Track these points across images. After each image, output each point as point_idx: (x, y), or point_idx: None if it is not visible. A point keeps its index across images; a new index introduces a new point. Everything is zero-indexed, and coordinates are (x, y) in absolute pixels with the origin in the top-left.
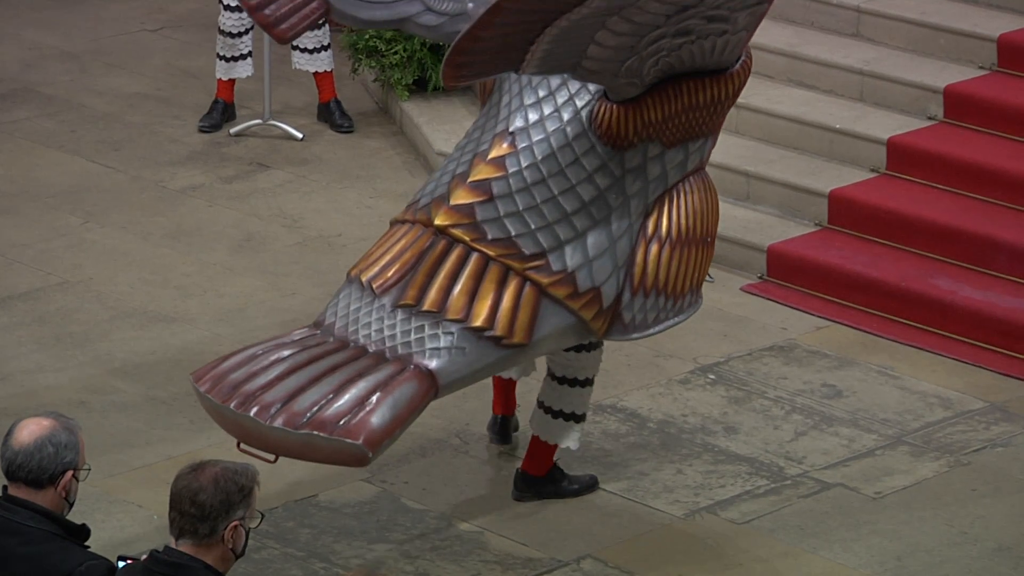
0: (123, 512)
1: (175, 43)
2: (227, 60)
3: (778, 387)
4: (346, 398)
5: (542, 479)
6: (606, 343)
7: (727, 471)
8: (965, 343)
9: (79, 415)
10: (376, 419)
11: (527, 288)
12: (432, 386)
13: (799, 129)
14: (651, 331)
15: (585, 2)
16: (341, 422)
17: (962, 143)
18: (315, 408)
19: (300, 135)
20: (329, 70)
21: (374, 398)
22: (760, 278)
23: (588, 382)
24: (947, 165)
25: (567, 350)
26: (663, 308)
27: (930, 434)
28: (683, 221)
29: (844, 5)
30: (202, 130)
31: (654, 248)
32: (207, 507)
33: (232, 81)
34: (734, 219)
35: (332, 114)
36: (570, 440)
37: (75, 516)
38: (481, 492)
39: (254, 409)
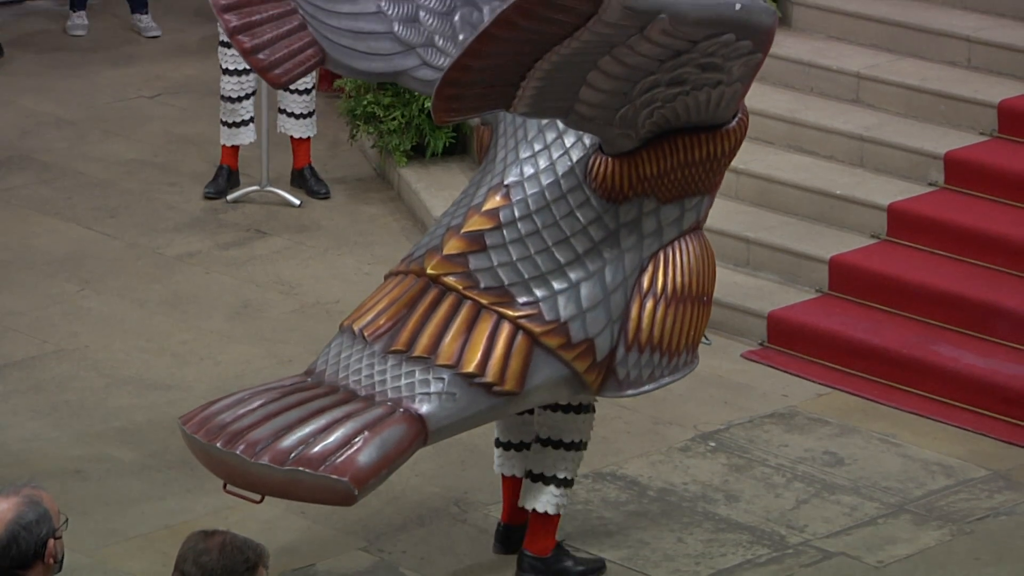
0: None
1: (172, 110)
2: (229, 126)
3: (779, 455)
4: (333, 437)
5: (545, 559)
6: (598, 411)
7: (728, 539)
8: (967, 410)
9: (75, 483)
10: (363, 457)
11: (520, 336)
12: (421, 431)
13: (799, 195)
14: (645, 388)
15: (574, 35)
16: (328, 459)
17: (963, 209)
18: (301, 446)
19: (298, 202)
20: (310, 136)
21: (361, 437)
22: (760, 344)
23: (574, 446)
24: (948, 231)
25: (555, 411)
26: (657, 365)
27: (932, 502)
28: (679, 278)
29: (844, 71)
30: (207, 196)
31: (649, 304)
32: (208, 570)
33: (236, 147)
34: (734, 285)
35: (307, 181)
36: (544, 504)
37: None
38: (480, 561)
39: (240, 447)
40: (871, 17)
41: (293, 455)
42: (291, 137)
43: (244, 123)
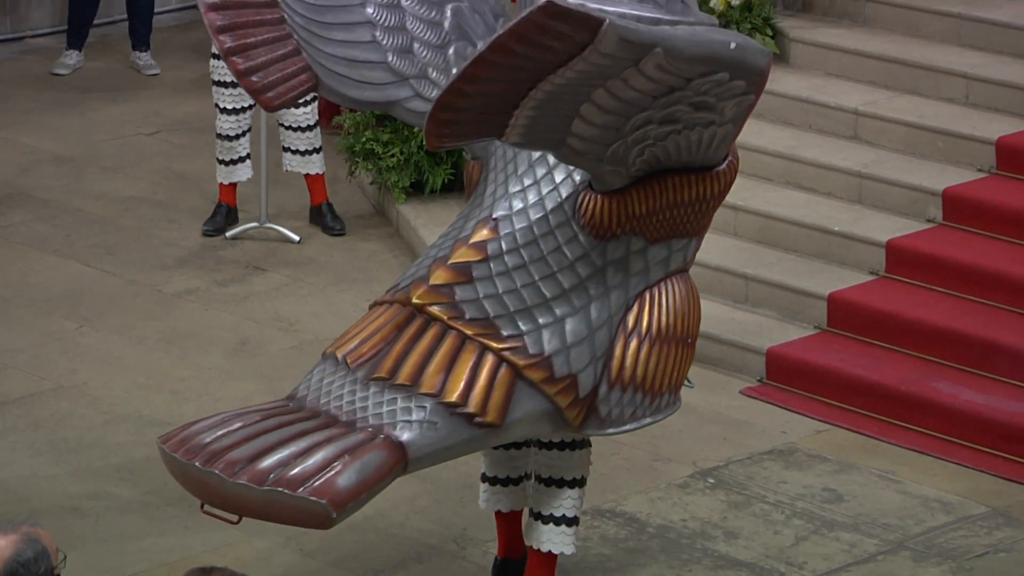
0: None
1: (171, 147)
2: (226, 164)
3: (778, 491)
4: (313, 460)
5: None
6: (596, 447)
7: None
8: (966, 447)
9: (73, 521)
10: (343, 481)
11: (503, 368)
12: (401, 458)
13: (798, 231)
14: (627, 427)
15: (569, 64)
16: (307, 482)
17: (961, 246)
18: (280, 467)
19: (296, 238)
20: (321, 172)
21: (341, 461)
22: (759, 381)
23: (576, 483)
24: (946, 268)
25: (551, 448)
26: (640, 405)
27: (932, 539)
28: (664, 319)
29: (842, 108)
30: (206, 234)
31: (633, 343)
32: None
33: (234, 185)
34: (732, 322)
35: (324, 216)
36: (562, 545)
37: None
38: None
39: (220, 466)
40: (869, 54)
41: (272, 476)
42: (305, 175)
43: (240, 160)
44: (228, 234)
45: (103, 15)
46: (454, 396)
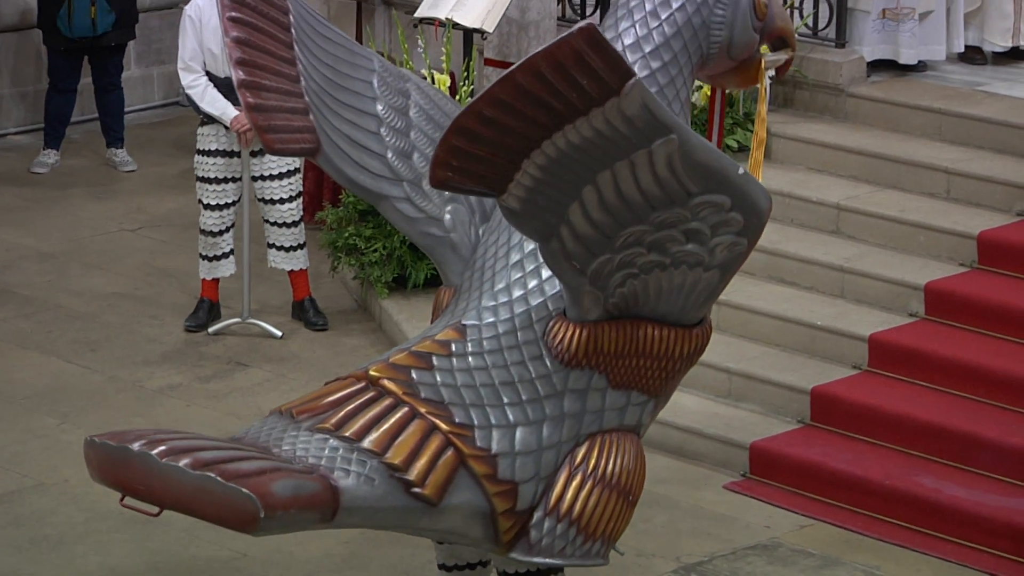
0: None
1: (153, 243)
2: (209, 260)
3: None
4: (250, 464)
5: None
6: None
7: None
8: (950, 541)
9: None
10: (277, 487)
11: (449, 451)
12: (333, 502)
13: (780, 326)
14: (555, 561)
15: (589, 114)
16: (242, 478)
17: (944, 340)
18: (216, 461)
19: (279, 333)
20: (304, 268)
21: (278, 473)
22: (743, 476)
23: None
24: (929, 362)
25: None
26: (571, 542)
27: None
28: (611, 466)
29: (824, 202)
30: (188, 329)
31: (578, 477)
32: None
33: (216, 280)
34: (716, 416)
35: (306, 312)
36: None
37: None
38: None
39: (151, 447)
40: (850, 149)
41: (205, 465)
42: (288, 271)
43: (224, 255)
44: (210, 330)
45: (87, 112)
46: (398, 460)
